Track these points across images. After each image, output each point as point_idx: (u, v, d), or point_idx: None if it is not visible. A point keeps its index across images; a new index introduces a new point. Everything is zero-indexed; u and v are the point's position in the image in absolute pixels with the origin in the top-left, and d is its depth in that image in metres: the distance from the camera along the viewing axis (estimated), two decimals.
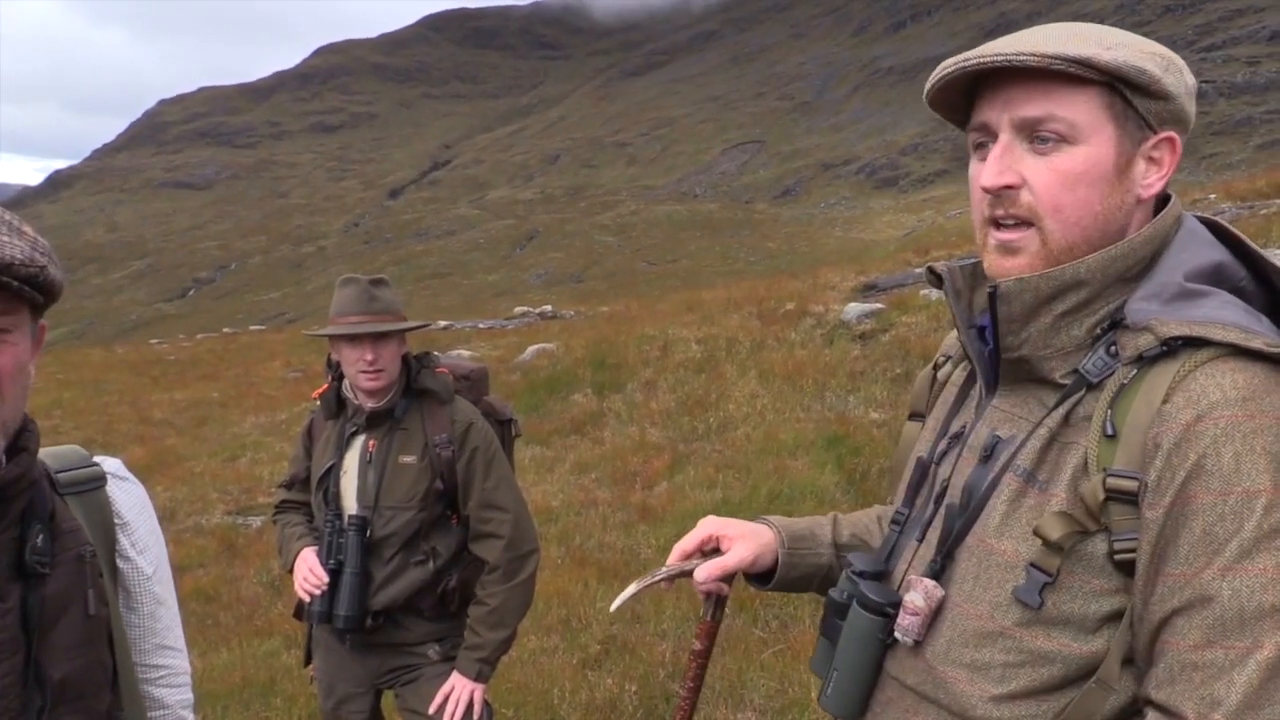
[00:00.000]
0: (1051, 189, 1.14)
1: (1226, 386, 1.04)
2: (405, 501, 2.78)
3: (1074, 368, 1.16)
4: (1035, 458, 1.15)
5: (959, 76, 1.16)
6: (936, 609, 1.20)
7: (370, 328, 2.71)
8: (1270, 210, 11.13)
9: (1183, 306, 1.11)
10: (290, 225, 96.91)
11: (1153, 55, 1.14)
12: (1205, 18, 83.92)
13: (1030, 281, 1.14)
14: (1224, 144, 62.47)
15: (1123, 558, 1.08)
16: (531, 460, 9.14)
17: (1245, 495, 1.01)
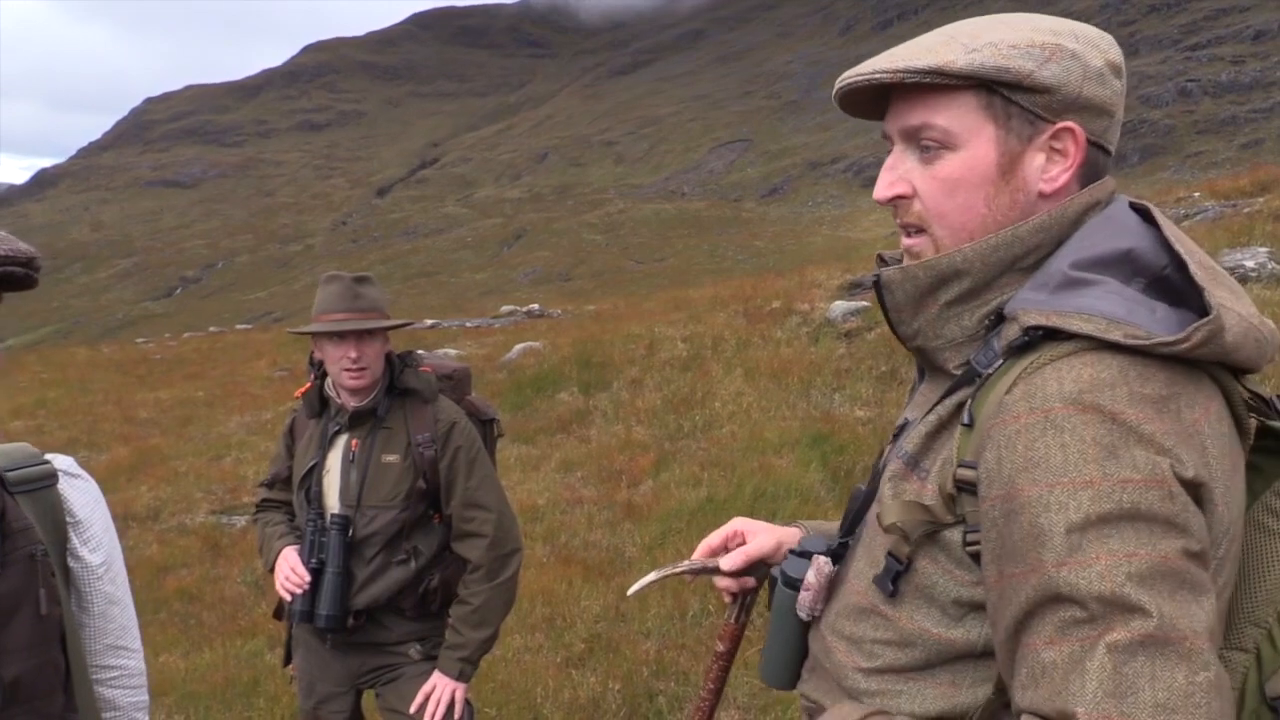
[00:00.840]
0: (935, 196, 1.15)
1: (1068, 380, 1.00)
2: (388, 501, 2.77)
3: (967, 359, 1.15)
4: (920, 444, 1.15)
5: (864, 87, 1.16)
6: (828, 585, 1.26)
7: (354, 325, 2.70)
8: (1253, 208, 11.17)
9: (1063, 296, 1.06)
10: (277, 224, 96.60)
11: (1029, 48, 1.09)
12: (1190, 17, 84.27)
13: (910, 271, 1.15)
14: (1209, 142, 62.76)
15: (972, 549, 1.06)
16: (517, 459, 9.12)
17: (1072, 486, 0.95)
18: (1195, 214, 12.10)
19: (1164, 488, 0.95)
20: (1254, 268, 8.24)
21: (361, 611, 2.79)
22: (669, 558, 6.01)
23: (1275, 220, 10.12)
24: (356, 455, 2.80)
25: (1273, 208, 10.75)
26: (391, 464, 2.78)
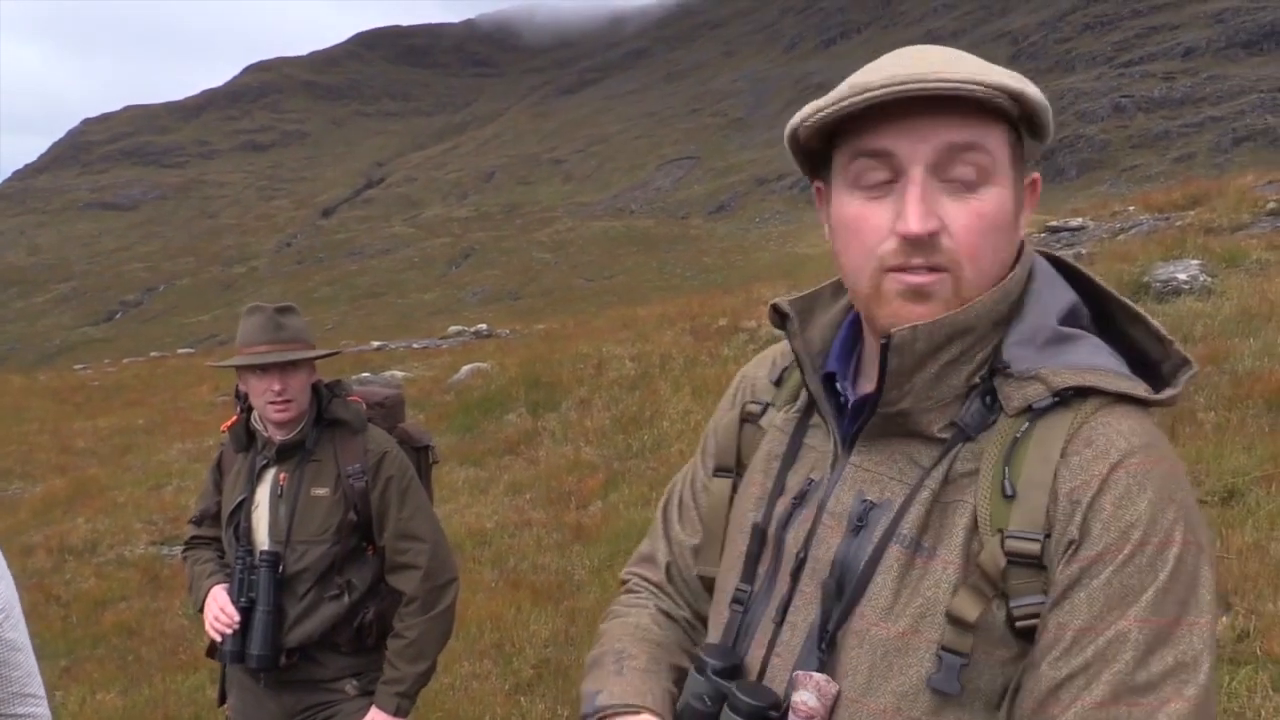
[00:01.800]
0: (972, 235, 1.04)
1: (1128, 434, 1.01)
2: (318, 535, 2.73)
3: (950, 420, 1.07)
4: (920, 523, 1.05)
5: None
6: (832, 707, 1.06)
7: (277, 357, 2.65)
8: (1185, 221, 11.45)
9: (1059, 352, 1.05)
10: (220, 245, 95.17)
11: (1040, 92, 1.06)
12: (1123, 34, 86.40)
13: (924, 329, 1.03)
14: (1142, 156, 64.27)
15: (1024, 624, 1.00)
16: (465, 481, 9.05)
17: (1160, 546, 0.97)
18: (1130, 227, 12.38)
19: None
20: (1186, 280, 8.43)
21: (295, 649, 2.73)
22: (618, 580, 5.99)
23: (1206, 233, 10.38)
24: (285, 489, 2.75)
25: (1203, 220, 11.03)
26: (321, 497, 2.74)
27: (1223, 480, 5.12)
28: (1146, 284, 8.58)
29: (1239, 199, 11.67)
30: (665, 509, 1.40)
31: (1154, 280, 8.57)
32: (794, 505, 1.17)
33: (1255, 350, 6.71)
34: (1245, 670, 3.61)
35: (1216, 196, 12.49)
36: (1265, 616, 3.90)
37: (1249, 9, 79.82)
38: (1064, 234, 13.19)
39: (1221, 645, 3.80)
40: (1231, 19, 78.75)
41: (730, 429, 1.31)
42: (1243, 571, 4.23)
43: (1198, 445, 5.55)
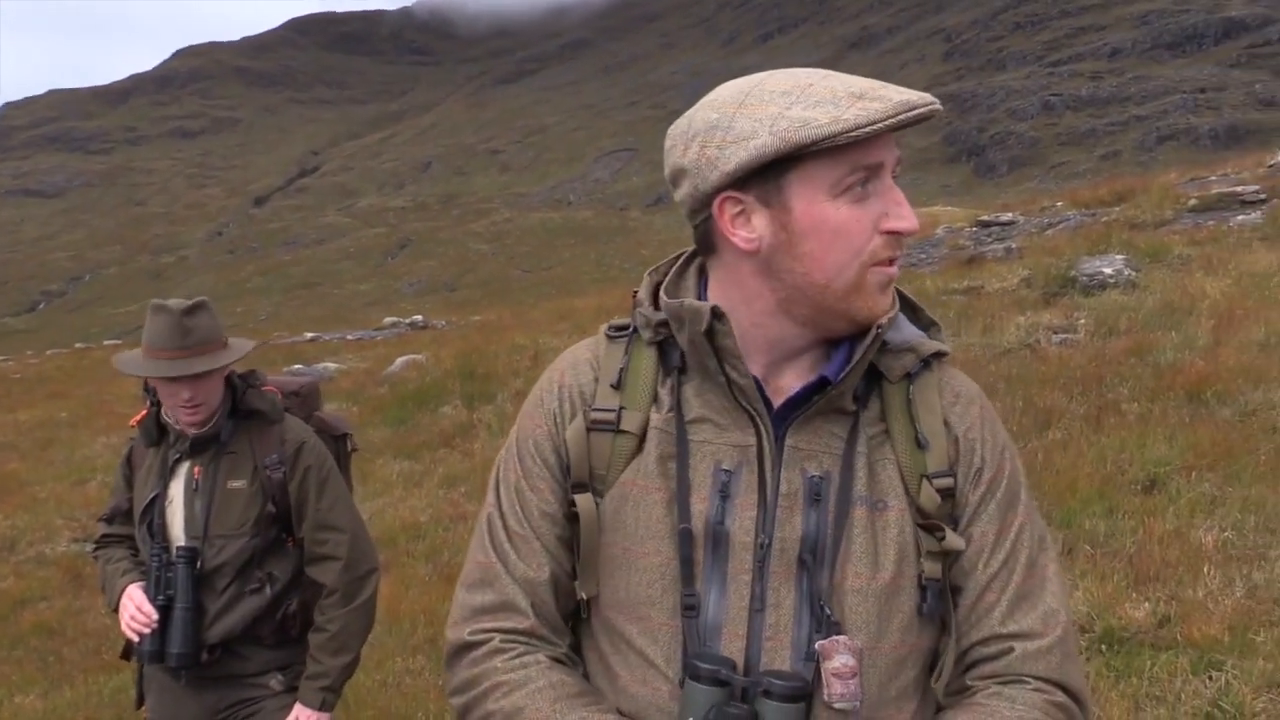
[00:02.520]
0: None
1: (967, 383, 1.32)
2: (237, 528, 2.66)
3: (852, 393, 1.24)
4: (868, 483, 1.22)
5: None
6: (860, 662, 1.16)
7: (183, 369, 2.54)
8: (1110, 217, 11.71)
9: (898, 326, 1.25)
10: (149, 234, 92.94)
11: None
12: (1053, 34, 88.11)
13: (893, 317, 1.23)
14: (1070, 154, 65.68)
15: (956, 548, 1.22)
16: (399, 475, 8.95)
17: (1013, 458, 1.29)
18: (1059, 222, 12.64)
19: None
20: (1111, 274, 8.63)
21: (216, 645, 2.67)
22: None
23: (1131, 229, 10.64)
24: (200, 483, 2.67)
25: (1128, 217, 11.30)
26: (238, 490, 2.67)
27: (1145, 469, 5.25)
28: (1073, 278, 8.76)
29: (1162, 196, 11.97)
30: (495, 551, 1.29)
31: (1080, 274, 8.75)
32: (721, 498, 1.19)
33: (1176, 343, 6.89)
34: (1166, 655, 3.69)
35: (1141, 193, 12.80)
36: (1185, 602, 4.00)
37: (1173, 11, 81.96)
38: (995, 228, 13.43)
39: (1142, 630, 3.89)
40: (1156, 21, 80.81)
41: (579, 441, 1.26)
42: (1164, 558, 4.34)
43: (1121, 435, 5.67)
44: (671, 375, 1.26)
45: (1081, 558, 4.53)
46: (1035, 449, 5.76)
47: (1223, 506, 4.76)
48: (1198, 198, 11.44)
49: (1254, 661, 3.52)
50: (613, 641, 1.25)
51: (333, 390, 12.81)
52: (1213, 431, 5.48)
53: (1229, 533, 4.50)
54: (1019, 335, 7.75)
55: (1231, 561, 4.27)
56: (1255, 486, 4.85)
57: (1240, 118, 62.69)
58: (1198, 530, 4.56)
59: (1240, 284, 7.83)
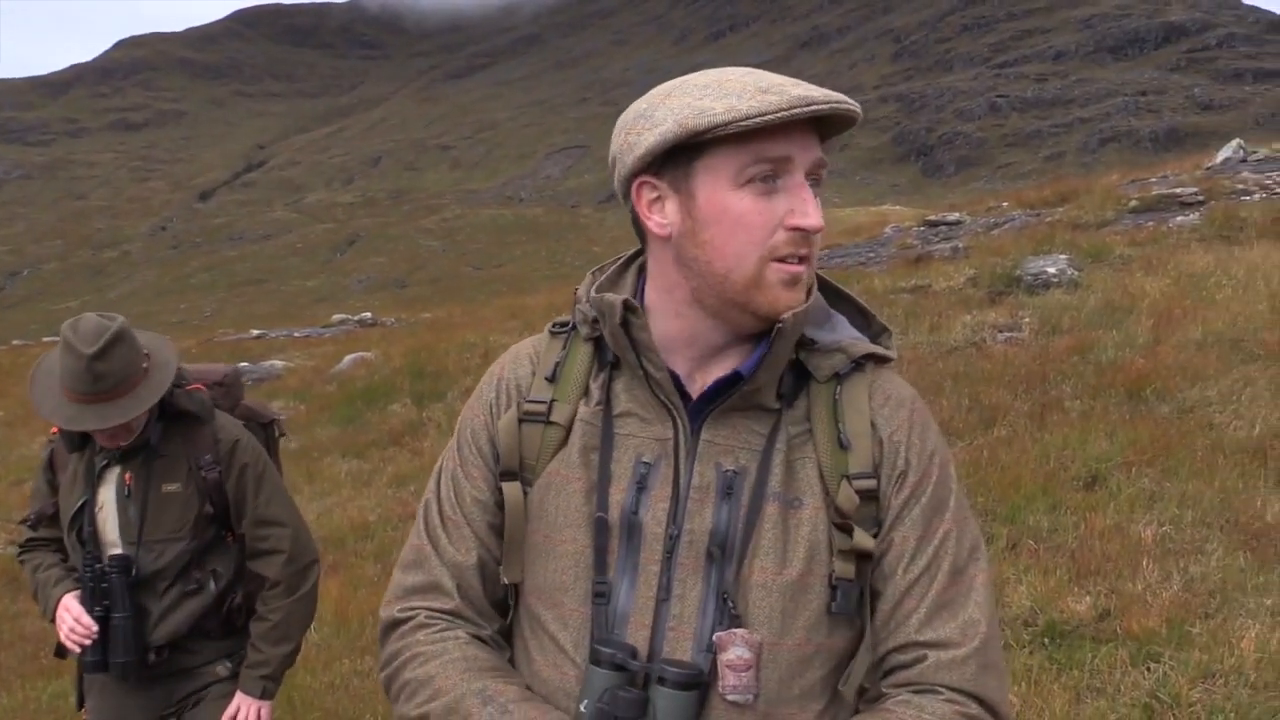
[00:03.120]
0: (823, 230, 1.22)
1: (901, 387, 1.30)
2: (174, 532, 2.59)
3: (776, 391, 1.25)
4: (783, 480, 1.22)
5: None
6: (759, 655, 1.17)
7: (95, 423, 2.41)
8: (1054, 218, 11.90)
9: (834, 327, 1.29)
10: (90, 228, 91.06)
11: None
12: (999, 37, 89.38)
13: (800, 315, 1.21)
14: (1016, 154, 66.75)
15: (865, 547, 1.21)
16: (347, 474, 8.85)
17: (944, 463, 1.27)
18: (1004, 222, 12.82)
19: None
20: (1055, 274, 8.77)
21: (163, 646, 2.63)
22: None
23: (1074, 229, 10.82)
24: (132, 489, 2.58)
25: (1071, 217, 11.49)
26: (174, 493, 2.59)
27: (1087, 465, 5.34)
28: (1018, 277, 8.89)
29: (1104, 197, 12.18)
30: (428, 534, 1.34)
31: (1025, 273, 8.88)
32: (638, 490, 1.23)
33: (1117, 341, 7.01)
34: (1106, 647, 3.76)
35: (1084, 194, 13.02)
36: (1124, 596, 4.08)
37: (1115, 16, 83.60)
38: (942, 228, 13.60)
39: (1083, 623, 3.96)
40: (1099, 25, 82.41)
41: (510, 431, 1.30)
42: (1104, 553, 4.42)
43: (1064, 432, 5.77)
44: (605, 370, 1.30)
45: (1025, 553, 4.60)
46: (981, 446, 5.84)
47: (1161, 501, 4.86)
48: (1138, 199, 11.67)
49: (1190, 653, 3.60)
50: (532, 627, 1.28)
51: (280, 388, 12.64)
52: (1152, 428, 5.59)
53: (1167, 527, 4.59)
54: (965, 333, 7.85)
55: (1169, 555, 4.36)
56: (1192, 482, 4.96)
57: (1180, 120, 64.17)
58: (1137, 525, 4.65)
59: (1179, 284, 8.00)
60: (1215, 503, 4.73)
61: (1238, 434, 5.38)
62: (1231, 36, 75.59)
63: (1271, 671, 3.42)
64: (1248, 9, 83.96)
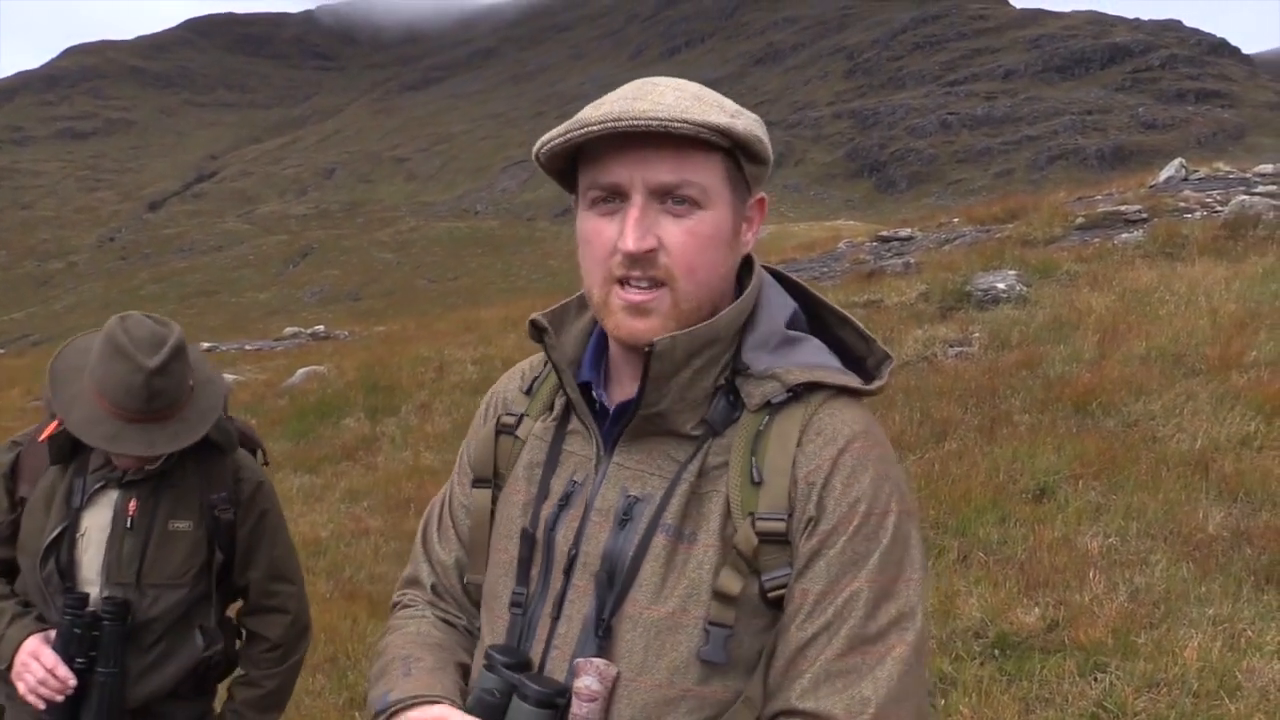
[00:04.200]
0: (687, 252, 1.15)
1: (848, 422, 1.17)
2: (176, 578, 2.26)
3: (701, 418, 1.18)
4: (681, 513, 1.16)
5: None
6: (612, 688, 1.14)
7: (144, 446, 2.10)
8: (1003, 234, 12.08)
9: (789, 353, 1.20)
10: (35, 239, 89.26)
11: (758, 122, 1.19)
12: (950, 55, 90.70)
13: (681, 340, 1.15)
14: (967, 171, 67.75)
15: (775, 595, 1.13)
16: (299, 489, 8.74)
17: (880, 516, 1.13)
18: (955, 238, 13.00)
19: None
20: (1004, 289, 8.91)
21: (139, 709, 2.29)
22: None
23: (1023, 245, 11.00)
24: (135, 521, 2.21)
25: (1020, 233, 11.68)
26: (182, 532, 2.26)
27: (1035, 478, 5.42)
28: (969, 292, 9.02)
29: (1052, 214, 12.40)
30: (425, 532, 1.46)
31: (975, 289, 9.01)
32: (559, 507, 1.24)
33: (1065, 356, 7.14)
34: (1055, 658, 3.82)
35: (1032, 211, 13.24)
36: (1072, 607, 4.14)
37: (1062, 36, 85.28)
38: (894, 243, 13.76)
39: (1032, 635, 4.02)
40: (1047, 45, 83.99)
41: (486, 442, 1.36)
42: (1052, 564, 4.49)
43: (1013, 445, 5.86)
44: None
45: (975, 565, 4.66)
46: (932, 459, 5.91)
47: (1107, 514, 4.95)
48: (1085, 216, 11.89)
49: (1136, 663, 3.67)
50: (481, 625, 1.34)
51: (231, 402, 12.44)
52: (1098, 441, 5.69)
53: (1113, 539, 4.68)
54: (917, 348, 7.95)
55: (1115, 566, 4.44)
56: (1137, 494, 5.06)
57: (1125, 139, 65.51)
58: (1084, 537, 4.73)
59: (1124, 299, 8.16)
60: (1159, 514, 4.82)
61: (1180, 447, 5.50)
62: (1174, 58, 77.44)
63: (1213, 680, 3.50)
64: (1189, 31, 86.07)
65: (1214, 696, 3.43)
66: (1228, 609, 3.96)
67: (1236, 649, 3.68)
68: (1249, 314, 7.27)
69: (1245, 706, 3.34)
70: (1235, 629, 3.82)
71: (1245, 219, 9.68)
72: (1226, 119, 67.56)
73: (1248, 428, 5.56)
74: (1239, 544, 4.47)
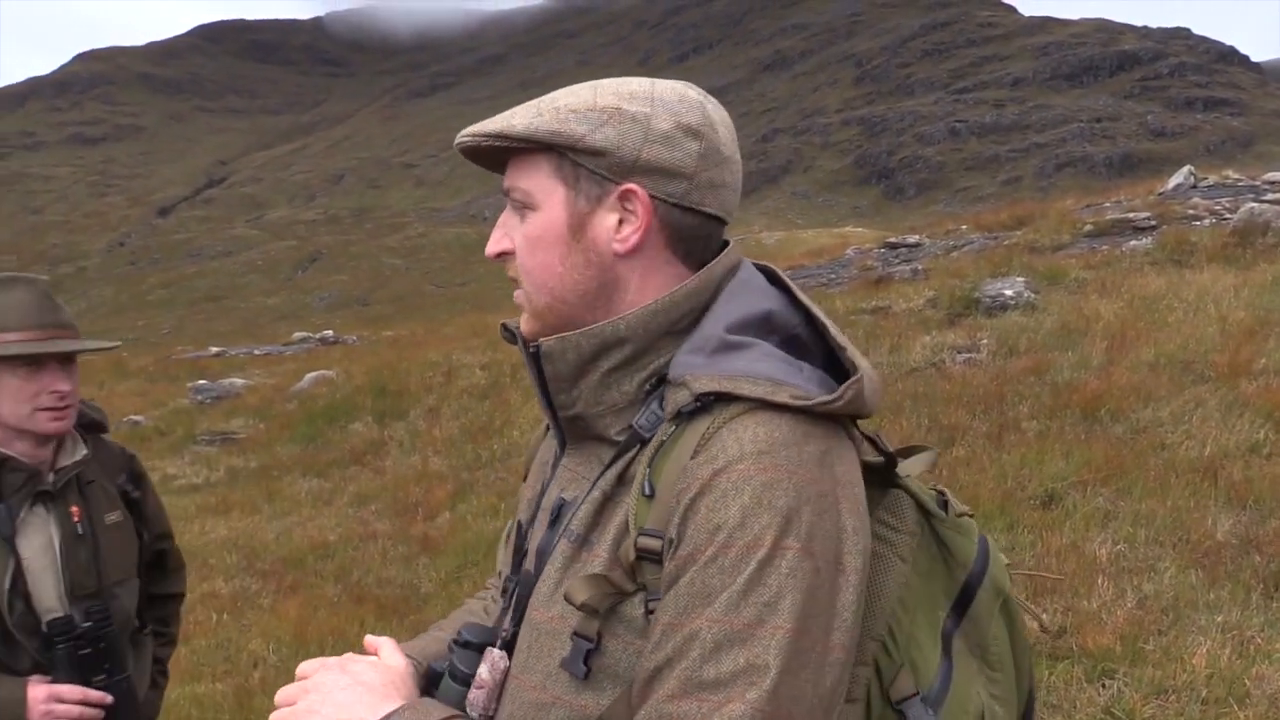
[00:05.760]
0: (522, 254, 1.18)
1: (745, 441, 1.03)
2: (128, 570, 2.24)
3: (628, 423, 1.13)
4: (588, 520, 1.12)
5: (471, 150, 1.22)
6: (502, 681, 1.15)
7: (67, 345, 2.06)
8: (1011, 240, 12.08)
9: (723, 359, 1.09)
10: (46, 244, 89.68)
11: (588, 112, 1.13)
12: (958, 63, 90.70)
13: (571, 340, 1.12)
14: (975, 178, 67.67)
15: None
16: (308, 493, 8.77)
17: (745, 549, 0.99)
18: (963, 245, 13.01)
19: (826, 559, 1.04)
20: (1012, 296, 8.90)
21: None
22: (466, 591, 5.91)
23: (1031, 252, 10.99)
24: (82, 525, 2.13)
25: (1028, 240, 11.68)
26: (117, 524, 2.21)
27: (1043, 485, 5.41)
28: (977, 299, 9.01)
29: (1060, 221, 12.39)
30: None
31: (983, 295, 9.01)
32: (536, 505, 1.26)
33: (1073, 363, 7.13)
34: (1063, 665, 3.81)
35: (1040, 218, 13.24)
36: (1080, 613, 4.13)
37: (1071, 44, 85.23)
38: (902, 250, 13.77)
39: (1041, 641, 4.01)
40: (1055, 52, 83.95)
41: (539, 438, 1.41)
42: (1060, 570, 4.48)
43: (1021, 451, 5.85)
44: None
45: None
46: (940, 466, 5.90)
47: (1116, 520, 4.93)
48: (1093, 223, 11.88)
49: (1144, 669, 3.66)
50: None
51: (240, 406, 12.51)
52: (1106, 448, 5.68)
53: (1121, 545, 4.67)
54: (924, 355, 7.94)
55: (1124, 573, 4.43)
56: (1145, 501, 5.04)
57: (1133, 146, 65.43)
58: (1092, 543, 4.72)
59: (1132, 306, 8.15)
60: (1168, 521, 4.81)
61: (1189, 454, 5.49)
62: (1183, 66, 77.35)
63: (1222, 687, 3.49)
64: (1198, 39, 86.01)
65: (1223, 704, 3.42)
66: (1236, 616, 3.95)
67: (1245, 656, 3.67)
68: (1258, 321, 7.25)
69: (1254, 714, 3.33)
70: (1244, 636, 3.81)
71: (1254, 226, 9.66)
72: (1235, 127, 67.46)
73: (1257, 435, 5.54)
74: (1248, 551, 4.45)
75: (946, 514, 1.20)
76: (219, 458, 10.50)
